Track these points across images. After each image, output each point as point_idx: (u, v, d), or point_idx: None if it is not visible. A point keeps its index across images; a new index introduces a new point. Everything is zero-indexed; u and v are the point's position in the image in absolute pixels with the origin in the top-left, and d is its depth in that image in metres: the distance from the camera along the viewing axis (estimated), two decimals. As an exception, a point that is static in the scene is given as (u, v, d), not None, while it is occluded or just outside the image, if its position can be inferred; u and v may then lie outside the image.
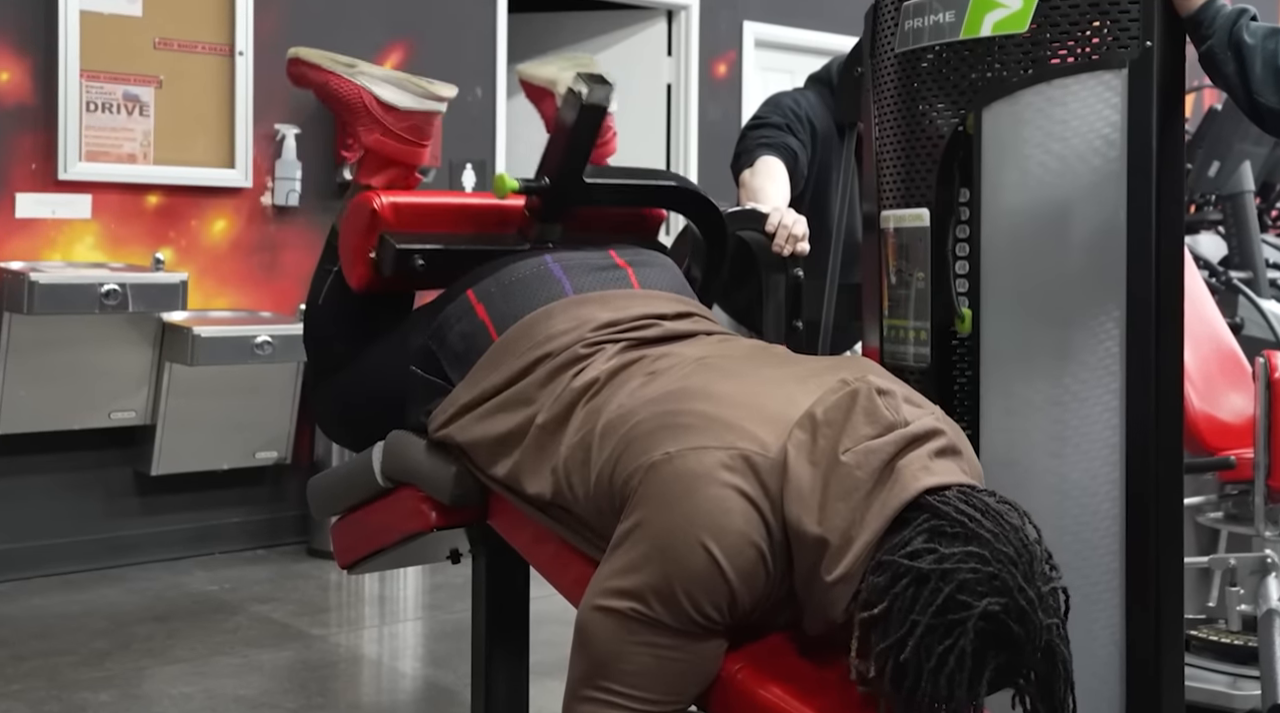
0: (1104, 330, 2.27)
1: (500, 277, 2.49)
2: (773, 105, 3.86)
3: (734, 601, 1.89)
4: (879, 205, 2.57)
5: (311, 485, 2.86)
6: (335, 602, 5.15)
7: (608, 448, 2.05)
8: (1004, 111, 2.33)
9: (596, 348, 2.31)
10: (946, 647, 1.74)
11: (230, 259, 5.74)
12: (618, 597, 1.92)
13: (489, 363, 2.39)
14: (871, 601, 1.81)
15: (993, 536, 1.80)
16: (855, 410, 1.94)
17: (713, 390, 2.05)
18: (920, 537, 1.81)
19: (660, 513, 1.92)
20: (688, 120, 7.32)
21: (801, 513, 1.88)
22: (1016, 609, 1.76)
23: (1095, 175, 2.27)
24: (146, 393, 5.34)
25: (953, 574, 1.76)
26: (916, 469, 1.88)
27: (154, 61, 5.52)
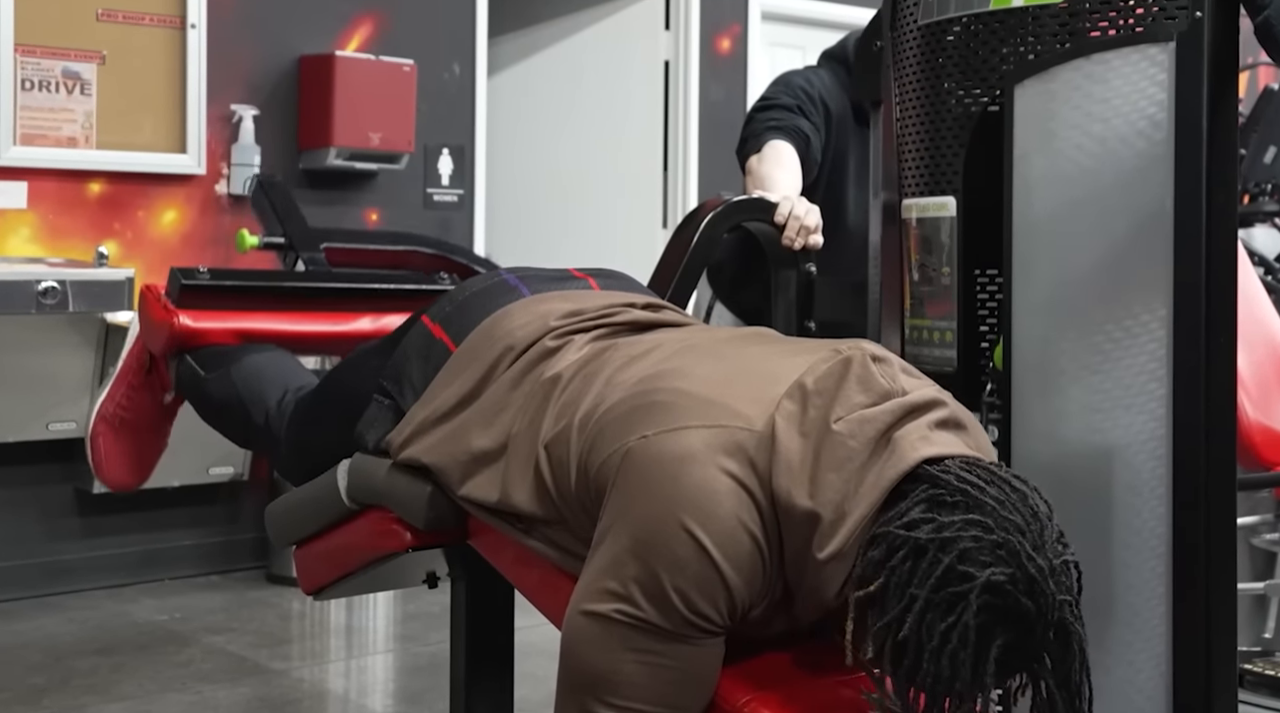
0: (1148, 331, 2.27)
1: (453, 296, 2.55)
2: (783, 85, 3.87)
3: (730, 595, 1.88)
4: (900, 193, 2.58)
5: (270, 512, 2.87)
6: (297, 632, 5.15)
7: (583, 438, 2.07)
8: (1038, 90, 2.33)
9: (565, 340, 2.33)
10: (949, 624, 1.74)
11: (181, 254, 5.75)
12: (603, 598, 1.91)
13: (447, 374, 2.42)
14: (866, 577, 1.82)
15: (997, 503, 1.81)
16: (848, 378, 1.96)
17: (692, 370, 2.06)
18: (918, 507, 1.82)
19: (640, 502, 1.92)
20: (687, 101, 7.34)
21: (791, 486, 1.88)
22: (1025, 580, 1.75)
23: (1139, 160, 2.27)
24: (88, 402, 5.31)
25: (952, 544, 1.77)
26: (915, 439, 1.89)
27: (97, 34, 5.53)
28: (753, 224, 3.22)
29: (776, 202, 3.21)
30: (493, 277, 2.59)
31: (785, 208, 3.18)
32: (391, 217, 6.31)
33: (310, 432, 2.77)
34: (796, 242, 3.16)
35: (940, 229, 2.48)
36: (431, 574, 2.73)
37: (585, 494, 2.06)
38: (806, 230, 3.17)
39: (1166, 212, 2.26)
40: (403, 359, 2.51)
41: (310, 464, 2.72)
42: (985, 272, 2.50)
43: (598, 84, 7.48)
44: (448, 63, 6.46)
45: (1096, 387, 2.30)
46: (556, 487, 2.12)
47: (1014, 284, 2.36)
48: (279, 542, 2.88)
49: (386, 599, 5.41)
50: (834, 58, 3.95)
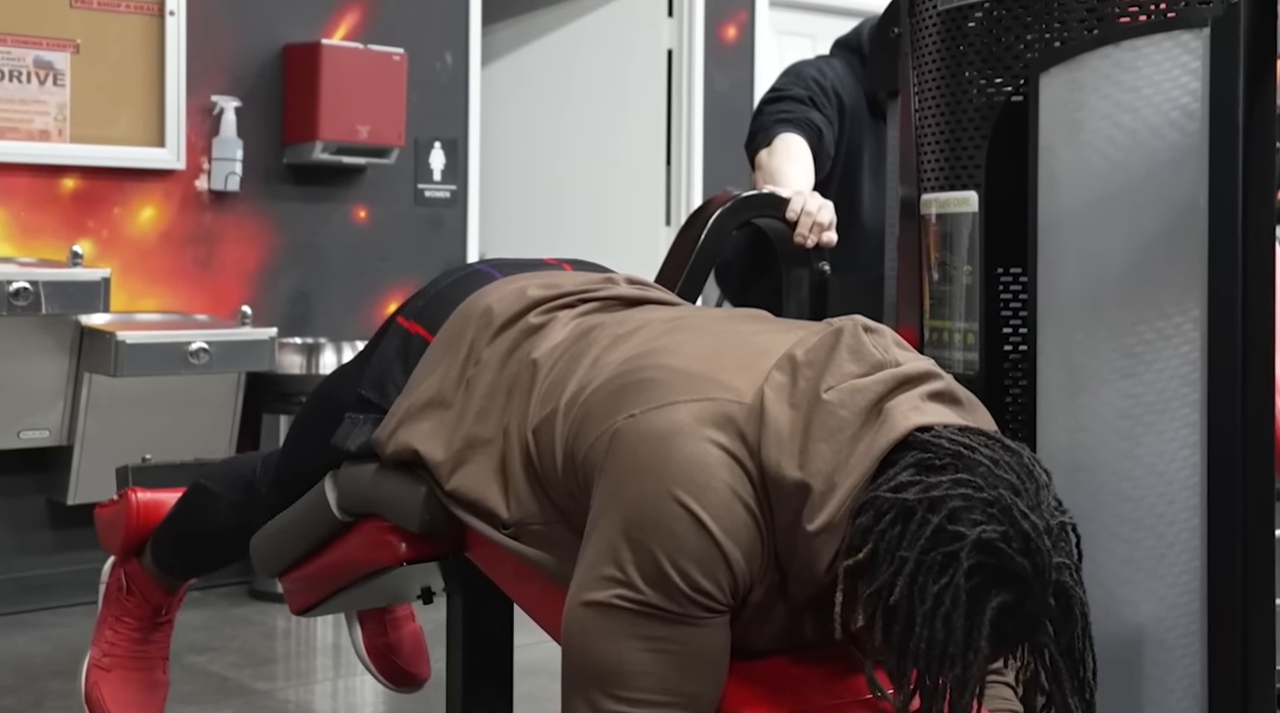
0: (1181, 333, 2.27)
1: (425, 291, 2.60)
2: (793, 75, 3.88)
3: (730, 568, 1.90)
4: (918, 188, 2.58)
5: (255, 542, 2.87)
6: (283, 652, 5.16)
7: (569, 422, 2.10)
8: (1064, 79, 2.33)
9: (549, 316, 2.36)
10: (941, 585, 1.76)
11: (160, 253, 5.75)
12: (602, 585, 1.93)
13: (427, 362, 2.46)
14: (855, 544, 1.84)
15: (991, 462, 1.83)
16: (839, 348, 1.99)
17: (681, 348, 2.10)
18: (906, 471, 1.85)
19: (630, 482, 1.94)
20: (691, 92, 7.35)
21: (780, 457, 1.90)
22: (1019, 537, 1.77)
23: (1171, 153, 2.27)
24: (62, 409, 5.35)
25: (941, 503, 1.79)
26: (907, 409, 1.92)
27: (70, 22, 5.54)
28: (763, 221, 3.22)
29: (788, 197, 3.21)
30: (464, 268, 2.63)
31: (797, 203, 3.18)
32: (380, 214, 6.31)
33: (297, 453, 2.77)
34: (809, 239, 3.16)
35: (961, 225, 2.49)
36: (427, 589, 2.74)
37: (573, 481, 2.08)
38: (820, 227, 3.17)
39: (1200, 207, 2.26)
40: (383, 364, 2.53)
41: (297, 492, 2.72)
42: (1009, 270, 2.51)
43: (597, 74, 7.49)
44: (439, 52, 6.46)
45: (1127, 392, 2.30)
46: (546, 474, 2.15)
47: (1039, 284, 2.37)
48: (267, 571, 2.88)
49: (376, 617, 5.40)
50: (848, 47, 3.95)
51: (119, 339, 5.19)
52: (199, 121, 5.81)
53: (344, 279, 6.20)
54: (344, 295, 6.18)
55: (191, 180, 5.82)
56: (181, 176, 5.79)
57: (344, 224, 6.23)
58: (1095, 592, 2.22)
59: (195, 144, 5.81)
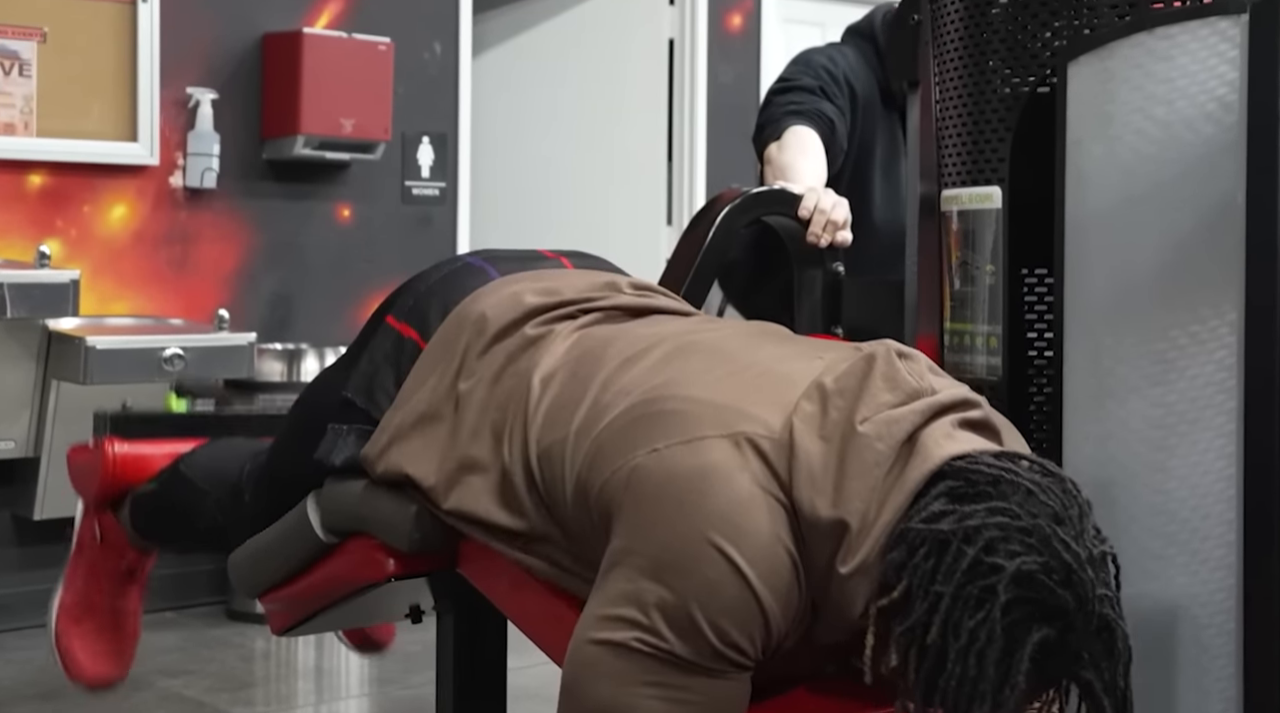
0: (1216, 337, 2.28)
1: (413, 288, 2.56)
2: (803, 64, 3.89)
3: (766, 622, 1.89)
4: (939, 184, 2.59)
5: (234, 560, 2.86)
6: (261, 675, 5.16)
7: (580, 454, 2.07)
8: (1094, 68, 2.34)
9: (547, 328, 2.34)
10: (977, 620, 1.75)
11: (132, 254, 5.76)
12: (619, 626, 1.91)
13: (419, 371, 2.43)
14: (888, 582, 1.83)
15: (1029, 491, 1.82)
16: (873, 376, 1.97)
17: (700, 374, 2.07)
18: (939, 500, 1.84)
19: (661, 522, 1.92)
20: (694, 83, 7.37)
21: (814, 496, 1.89)
22: (1062, 570, 1.76)
23: (1206, 146, 2.27)
24: (28, 419, 5.33)
25: (977, 533, 1.79)
26: (939, 437, 1.91)
27: (36, 8, 5.54)
28: (773, 219, 3.22)
29: (800, 193, 3.21)
30: (455, 261, 2.60)
31: (810, 200, 3.18)
32: (366, 212, 6.32)
33: (282, 461, 2.76)
34: (823, 238, 3.17)
35: (984, 223, 2.49)
36: (415, 607, 2.73)
37: (584, 515, 2.06)
38: (834, 226, 3.18)
39: (1237, 204, 2.26)
40: (372, 369, 2.51)
41: (282, 500, 2.71)
42: (1034, 271, 2.51)
43: (594, 65, 7.50)
44: (428, 41, 6.47)
45: (1158, 400, 2.31)
46: (551, 502, 2.13)
47: (1066, 285, 2.38)
48: (247, 592, 2.88)
49: (360, 638, 5.41)
50: (860, 34, 3.96)
51: (89, 345, 5.15)
52: (173, 115, 5.81)
53: (327, 281, 6.20)
54: (327, 299, 6.17)
55: (166, 177, 5.82)
56: (155, 173, 5.79)
57: (327, 223, 6.23)
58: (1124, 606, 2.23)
59: (169, 139, 5.81)
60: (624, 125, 7.45)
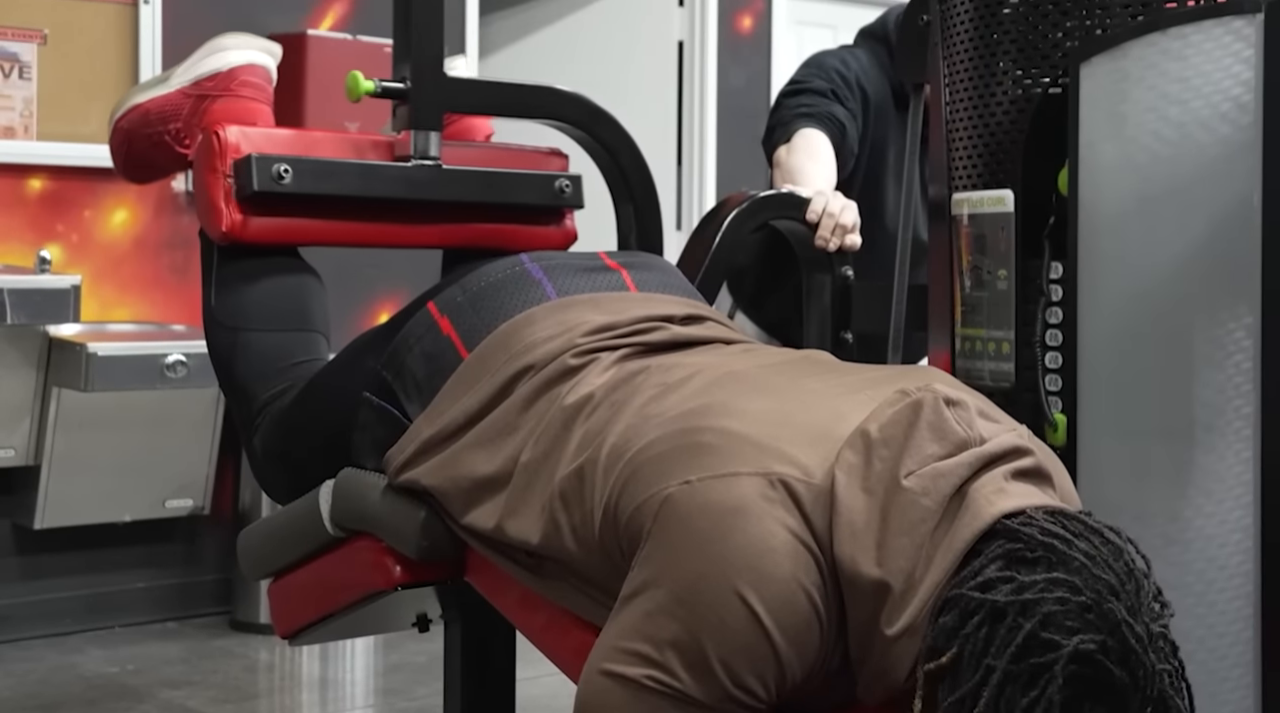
0: (1233, 341, 2.28)
1: (466, 283, 2.53)
2: (815, 67, 3.90)
3: (780, 670, 1.87)
4: (950, 187, 2.59)
5: (243, 539, 2.87)
6: (265, 686, 5.17)
7: (611, 478, 2.05)
8: (1107, 69, 2.34)
9: (590, 357, 2.32)
10: (1031, 698, 1.72)
11: (134, 259, 5.77)
12: (632, 661, 1.90)
13: (456, 386, 2.41)
14: (938, 647, 1.80)
15: (1087, 558, 1.78)
16: (919, 425, 1.93)
17: (740, 406, 2.04)
18: (994, 564, 1.81)
19: (684, 557, 1.90)
20: (704, 86, 7.37)
21: (856, 552, 1.86)
22: (1119, 649, 1.72)
23: (1222, 147, 2.28)
24: (29, 427, 5.34)
25: (1035, 606, 1.74)
26: (990, 492, 1.87)
27: (37, 10, 5.55)
28: (782, 223, 3.23)
29: (809, 197, 3.22)
30: (512, 264, 2.56)
31: (819, 204, 3.19)
32: (370, 217, 6.30)
33: (292, 443, 2.74)
34: (831, 242, 3.17)
35: (996, 227, 2.49)
36: (422, 616, 2.74)
37: (612, 541, 2.04)
38: (843, 229, 3.18)
39: (1254, 206, 2.27)
40: (404, 350, 2.49)
41: (295, 480, 2.70)
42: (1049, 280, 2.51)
43: (602, 68, 7.50)
44: (434, 44, 6.48)
45: (1174, 405, 2.31)
46: (573, 528, 2.11)
47: (1080, 290, 2.37)
48: (251, 573, 2.88)
49: (366, 648, 5.41)
50: (873, 36, 3.97)
51: (90, 351, 5.19)
52: (176, 118, 5.81)
53: (331, 287, 6.14)
54: (331, 305, 6.13)
55: (168, 181, 5.82)
56: (157, 177, 5.79)
57: (331, 228, 6.23)
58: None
59: (172, 142, 5.80)
60: (633, 128, 7.36)
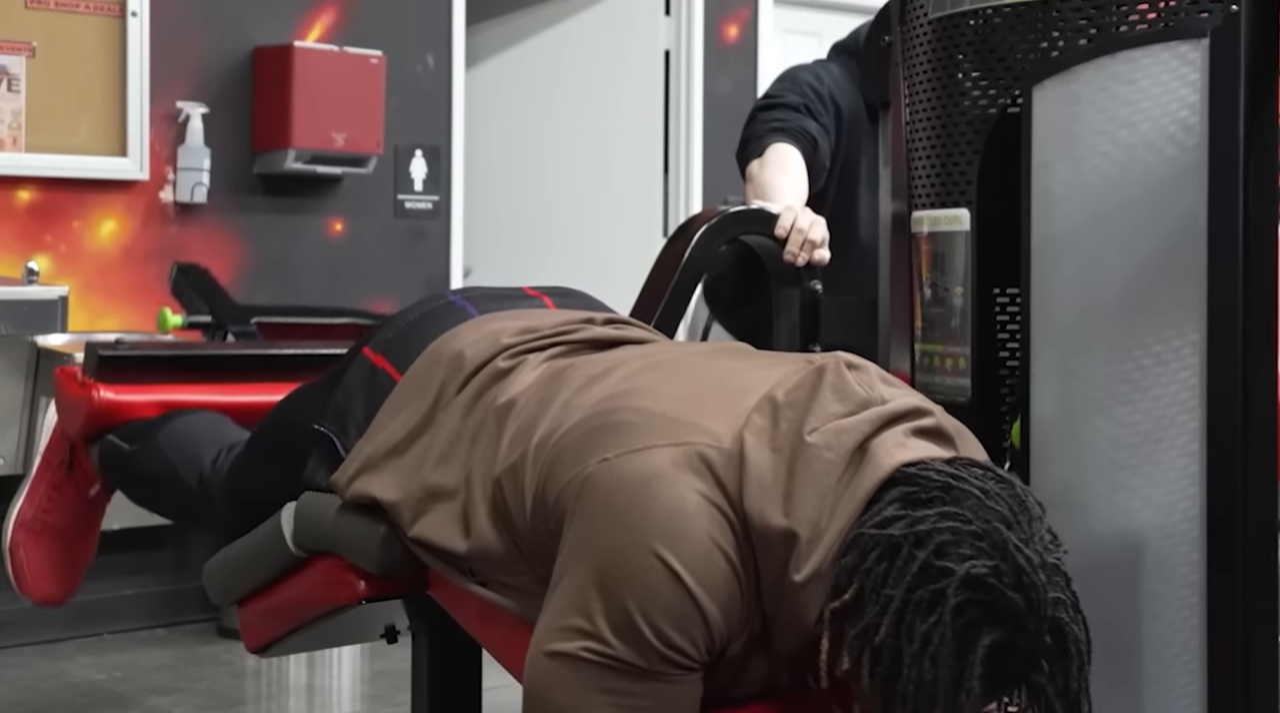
0: (1179, 357, 2.32)
1: (393, 323, 2.65)
2: (789, 81, 3.93)
3: (707, 626, 1.94)
4: (910, 204, 2.63)
5: (209, 568, 2.92)
6: (253, 693, 5.18)
7: (538, 466, 2.14)
8: (1059, 91, 2.38)
9: (519, 360, 2.41)
10: (929, 624, 1.80)
11: (122, 269, 5.80)
12: (568, 636, 1.97)
13: (392, 404, 2.49)
14: (841, 584, 1.89)
15: (981, 493, 1.88)
16: (823, 387, 2.04)
17: (656, 388, 2.14)
18: (892, 505, 1.90)
19: (604, 530, 1.99)
20: (690, 95, 7.40)
21: (764, 505, 1.95)
22: (1012, 573, 1.81)
23: (1169, 168, 2.32)
24: (17, 435, 5.36)
25: (928, 537, 1.84)
26: (891, 446, 1.97)
27: (25, 23, 5.58)
28: (751, 238, 3.27)
29: (777, 213, 3.25)
30: (436, 299, 2.67)
31: (787, 219, 3.22)
32: (358, 226, 6.35)
33: (251, 480, 2.83)
34: (800, 257, 3.20)
35: (953, 244, 2.54)
36: (390, 628, 2.77)
37: (543, 526, 2.12)
38: (811, 244, 3.21)
39: (1199, 225, 2.31)
40: (345, 398, 2.58)
41: (252, 517, 2.76)
42: (1005, 291, 2.56)
43: (590, 77, 7.53)
44: (420, 54, 6.51)
45: (1123, 419, 2.35)
46: (513, 522, 2.19)
47: (1033, 306, 2.41)
48: (220, 600, 2.93)
49: (351, 656, 5.44)
50: (846, 51, 4.00)
51: (77, 361, 5.19)
52: (163, 129, 5.85)
53: (318, 296, 6.22)
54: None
55: (156, 192, 5.86)
56: (145, 187, 5.83)
57: (319, 238, 6.28)
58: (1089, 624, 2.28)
59: (159, 153, 5.85)
60: (620, 137, 7.47)
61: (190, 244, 5.92)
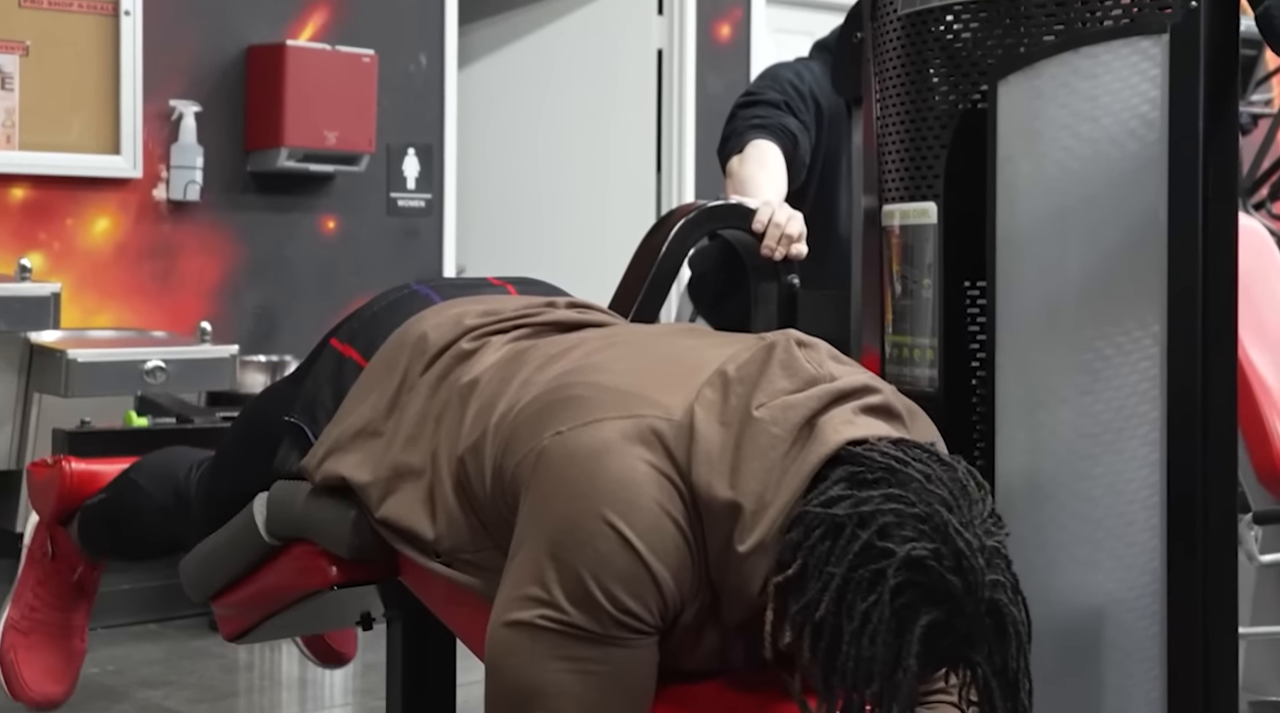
0: (1140, 348, 2.35)
1: (359, 313, 2.69)
2: (770, 79, 3.97)
3: (659, 589, 1.99)
4: (880, 198, 2.67)
5: (184, 565, 2.94)
6: (244, 686, 5.21)
7: (497, 441, 2.19)
8: (1023, 86, 2.41)
9: (483, 341, 2.45)
10: (869, 603, 1.84)
11: (115, 266, 5.83)
12: (525, 605, 2.02)
13: (359, 390, 2.53)
14: (784, 560, 1.93)
15: (923, 477, 1.92)
16: (771, 364, 2.08)
17: (611, 365, 2.20)
18: (837, 485, 1.94)
19: (556, 500, 2.04)
20: (683, 94, 7.43)
21: (711, 477, 2.00)
22: (952, 556, 1.85)
23: (1130, 162, 2.35)
24: (10, 432, 5.38)
25: (872, 518, 1.88)
26: (838, 423, 2.01)
27: (18, 22, 5.61)
28: (730, 232, 3.30)
29: (755, 208, 3.29)
30: (401, 289, 2.71)
31: (764, 214, 3.26)
32: (351, 224, 6.38)
33: (225, 478, 2.86)
34: (777, 251, 3.24)
35: (922, 237, 2.57)
36: (366, 615, 2.80)
37: (502, 500, 2.17)
38: (788, 239, 3.25)
39: (1160, 219, 2.35)
40: (314, 388, 2.62)
41: (226, 516, 2.79)
42: (975, 284, 2.59)
43: (582, 76, 7.55)
44: (413, 53, 6.54)
45: (1086, 409, 2.38)
46: (476, 498, 2.24)
47: (998, 298, 2.45)
48: (196, 595, 2.94)
49: (341, 649, 5.46)
50: (827, 48, 4.03)
51: (69, 358, 5.19)
52: (156, 127, 5.88)
53: (311, 294, 6.26)
54: (311, 311, 6.20)
55: (149, 190, 5.89)
56: (138, 186, 5.87)
57: (311, 235, 6.31)
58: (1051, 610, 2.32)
59: (153, 151, 5.88)
60: (613, 136, 7.50)
61: (183, 242, 5.96)
